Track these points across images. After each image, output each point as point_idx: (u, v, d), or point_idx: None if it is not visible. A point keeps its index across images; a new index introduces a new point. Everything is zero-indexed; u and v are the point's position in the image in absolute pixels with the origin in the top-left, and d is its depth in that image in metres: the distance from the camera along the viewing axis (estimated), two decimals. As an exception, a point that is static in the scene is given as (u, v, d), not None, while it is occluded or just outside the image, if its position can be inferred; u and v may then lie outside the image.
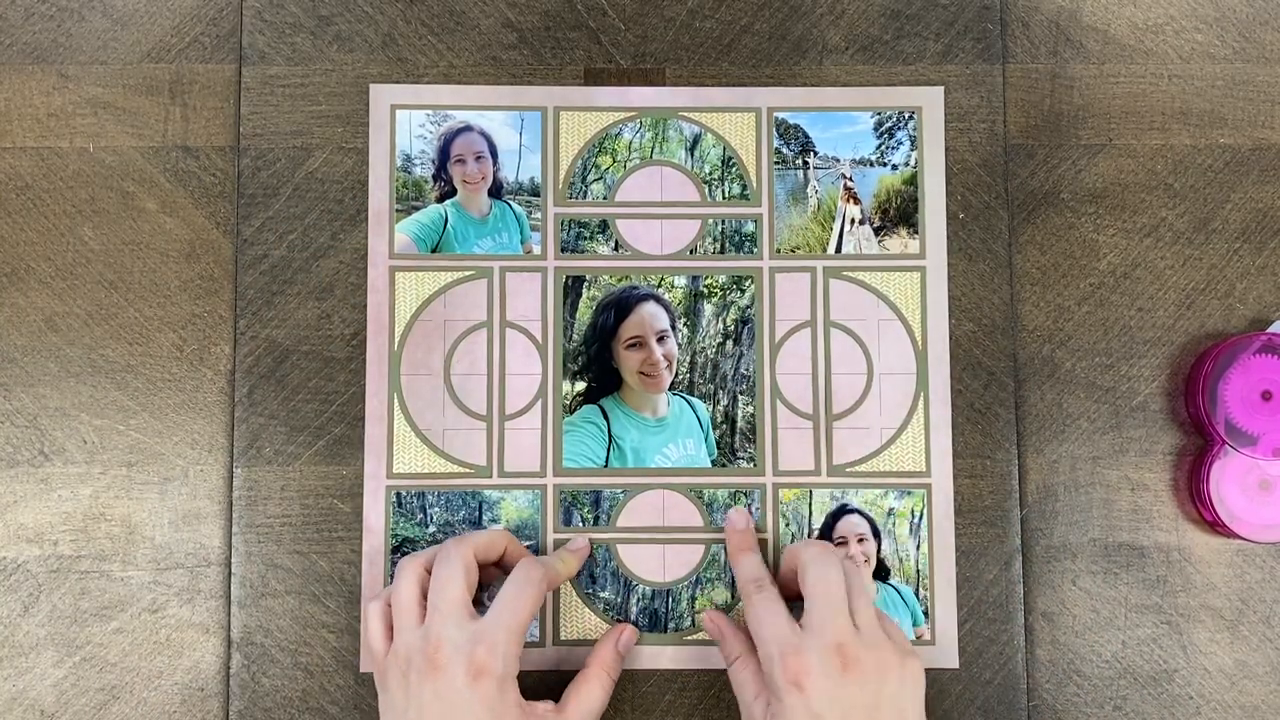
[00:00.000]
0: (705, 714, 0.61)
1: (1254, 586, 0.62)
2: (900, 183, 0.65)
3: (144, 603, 0.61)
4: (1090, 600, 0.62)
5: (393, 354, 0.63)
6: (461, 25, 0.65)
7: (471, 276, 0.63)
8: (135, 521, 0.61)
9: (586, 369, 0.63)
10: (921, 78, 0.65)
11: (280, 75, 0.64)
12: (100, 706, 0.60)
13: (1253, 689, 0.62)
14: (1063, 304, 0.64)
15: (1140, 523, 0.63)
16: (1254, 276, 0.64)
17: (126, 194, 0.63)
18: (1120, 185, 0.65)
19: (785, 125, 0.65)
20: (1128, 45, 0.66)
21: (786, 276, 0.64)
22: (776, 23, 0.65)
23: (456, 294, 0.63)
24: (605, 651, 0.59)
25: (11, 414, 0.62)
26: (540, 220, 0.64)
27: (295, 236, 0.63)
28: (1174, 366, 0.64)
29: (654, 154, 0.64)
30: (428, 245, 0.63)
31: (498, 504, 0.62)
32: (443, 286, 0.63)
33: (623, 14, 0.65)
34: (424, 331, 0.63)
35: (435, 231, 0.63)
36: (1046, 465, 0.63)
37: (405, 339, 0.63)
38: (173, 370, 0.62)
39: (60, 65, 0.64)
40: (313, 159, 0.64)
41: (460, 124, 0.64)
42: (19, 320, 0.62)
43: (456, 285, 0.63)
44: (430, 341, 0.63)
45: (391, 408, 0.62)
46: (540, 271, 0.63)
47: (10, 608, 0.61)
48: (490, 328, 0.63)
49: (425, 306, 0.63)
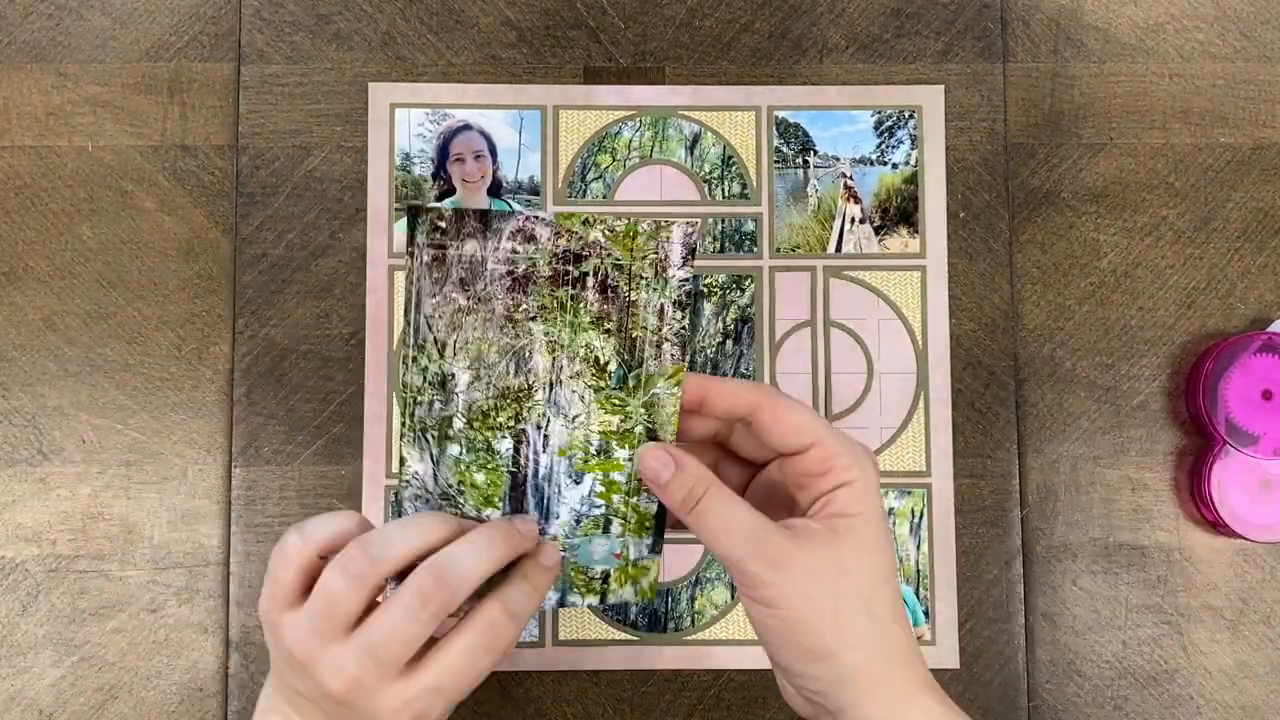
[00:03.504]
0: (705, 714, 0.61)
1: (1255, 586, 0.62)
2: (900, 182, 0.64)
3: (142, 602, 0.61)
4: (1091, 600, 0.62)
5: (391, 353, 0.62)
6: (461, 24, 0.65)
7: (471, 275, 0.63)
8: (134, 521, 0.61)
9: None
10: (922, 76, 0.65)
11: (279, 74, 0.64)
12: (99, 706, 0.60)
13: (1253, 689, 0.62)
14: (1063, 303, 0.64)
15: (1141, 522, 0.63)
16: (1255, 276, 0.64)
17: (125, 193, 0.63)
18: (1121, 184, 0.65)
19: (785, 124, 0.65)
20: (1128, 44, 0.66)
21: (786, 276, 0.64)
22: (776, 21, 0.65)
23: (456, 293, 0.63)
24: (515, 588, 0.43)
25: (10, 413, 0.62)
26: (540, 219, 0.64)
27: (294, 235, 0.63)
28: (1175, 366, 0.64)
29: (654, 153, 0.64)
30: (427, 244, 0.63)
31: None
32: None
33: (622, 12, 0.65)
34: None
35: (434, 230, 0.63)
36: (1047, 465, 0.63)
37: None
38: (171, 369, 0.62)
39: (59, 64, 0.64)
40: (312, 158, 0.64)
41: (459, 123, 0.64)
42: (17, 319, 0.62)
43: (456, 284, 0.63)
44: (429, 341, 0.63)
45: (391, 407, 0.62)
46: (540, 270, 0.63)
47: (9, 607, 0.61)
48: (490, 327, 0.63)
49: (424, 306, 0.63)
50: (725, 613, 0.62)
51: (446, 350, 0.41)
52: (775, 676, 0.44)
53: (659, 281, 0.40)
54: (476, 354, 0.41)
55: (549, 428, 0.41)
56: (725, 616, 0.62)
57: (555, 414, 0.41)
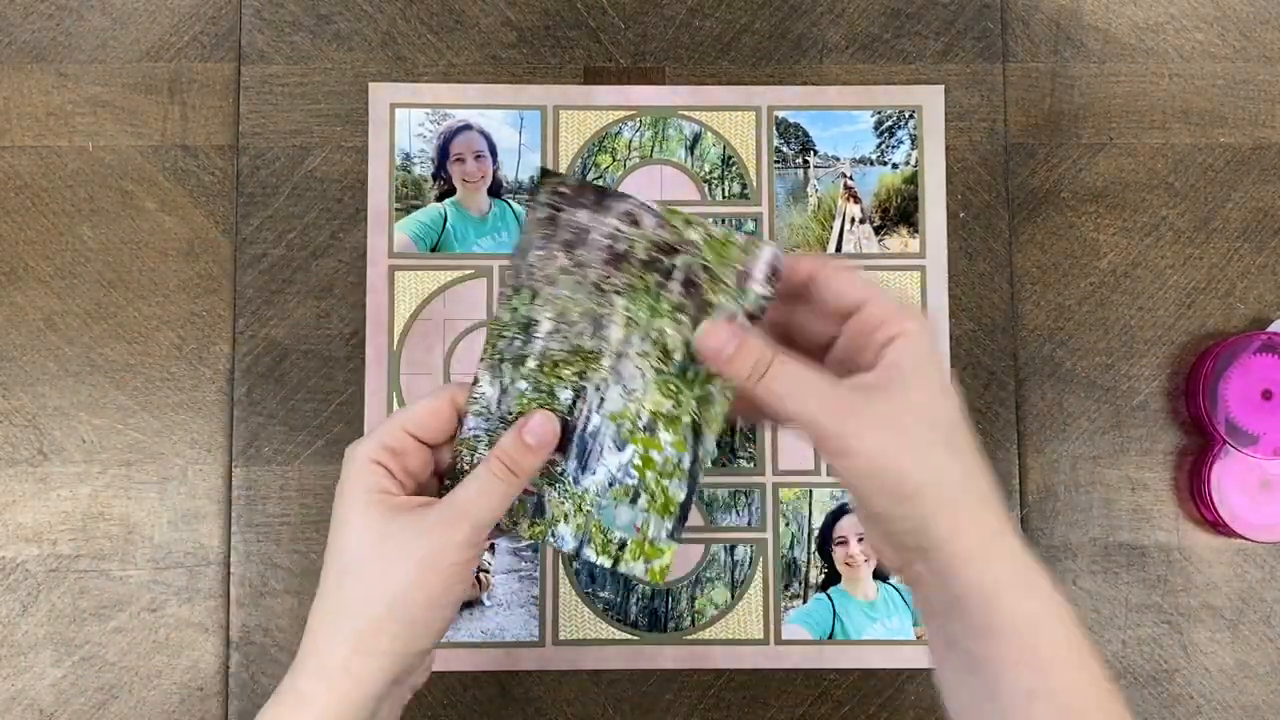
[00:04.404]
0: (705, 714, 0.61)
1: (1254, 586, 0.62)
2: (900, 182, 0.64)
3: (143, 602, 0.61)
4: (1091, 600, 0.62)
5: (392, 353, 0.62)
6: (461, 24, 0.65)
7: (471, 275, 0.63)
8: (134, 521, 0.61)
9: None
10: (922, 77, 0.65)
11: (279, 74, 0.64)
12: (99, 706, 0.60)
13: (1253, 688, 0.62)
14: (1063, 303, 0.64)
15: (1141, 522, 0.63)
16: (1254, 275, 0.64)
17: (125, 193, 0.63)
18: (1121, 184, 0.65)
19: (785, 124, 0.65)
20: (1128, 44, 0.66)
21: (786, 276, 0.64)
22: (776, 21, 0.65)
23: (456, 293, 0.63)
24: (506, 440, 0.44)
25: (10, 413, 0.62)
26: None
27: (294, 235, 0.63)
28: (1174, 366, 0.64)
29: (654, 153, 0.64)
30: (427, 244, 0.63)
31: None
32: (442, 285, 0.63)
33: (623, 12, 0.65)
34: (423, 330, 0.63)
35: (435, 230, 0.63)
36: (1047, 465, 0.63)
37: (405, 338, 0.63)
38: (172, 369, 0.62)
39: (59, 64, 0.64)
40: (312, 158, 0.64)
41: (460, 123, 0.64)
42: (18, 319, 0.62)
43: (456, 284, 0.63)
44: (430, 341, 0.63)
45: (391, 407, 0.62)
46: (540, 270, 0.63)
47: (9, 607, 0.61)
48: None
49: (425, 305, 0.63)
50: (725, 613, 0.62)
51: (538, 299, 0.44)
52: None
53: (738, 290, 0.43)
54: (562, 309, 0.44)
55: (606, 391, 0.45)
56: (725, 616, 0.62)
57: (615, 382, 0.45)
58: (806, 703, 0.61)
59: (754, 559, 0.62)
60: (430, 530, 0.42)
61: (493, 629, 0.61)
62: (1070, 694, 0.39)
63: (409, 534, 0.42)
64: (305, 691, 0.42)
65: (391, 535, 0.42)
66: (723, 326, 0.42)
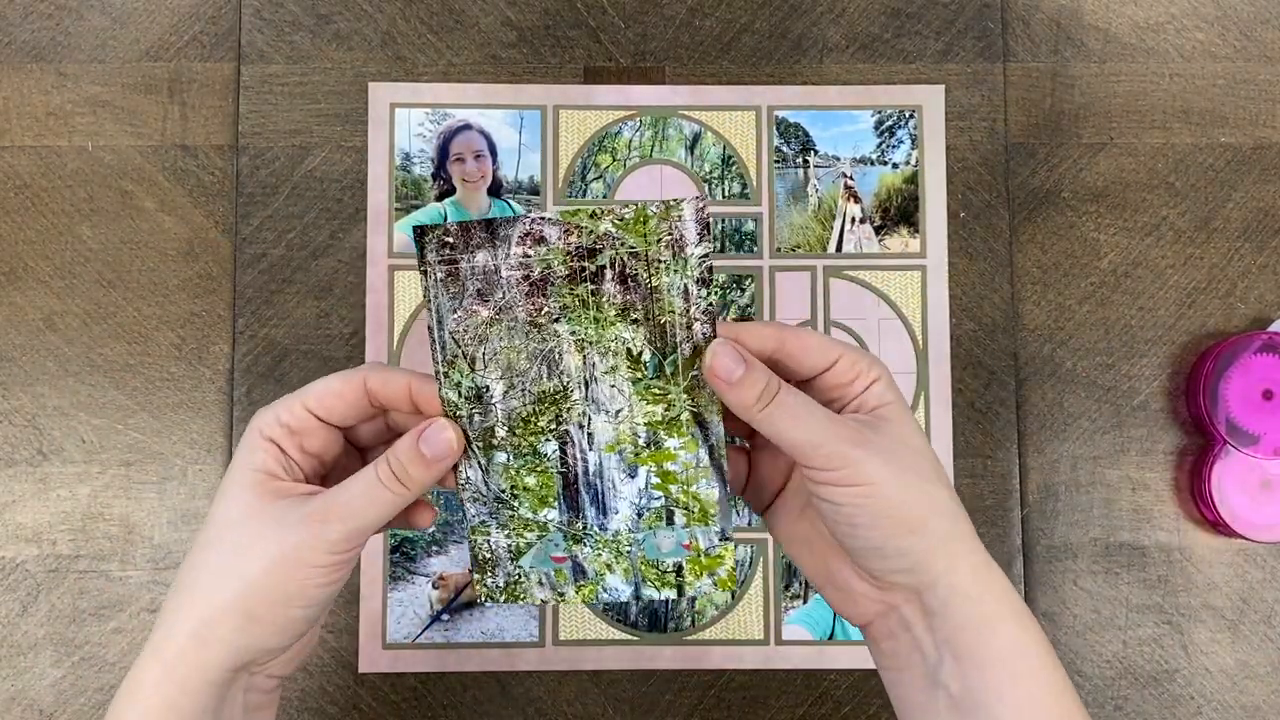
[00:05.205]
0: (705, 714, 0.61)
1: (1255, 586, 0.62)
2: (901, 181, 0.64)
3: (143, 602, 0.61)
4: (1091, 600, 0.62)
5: (392, 353, 0.62)
6: (461, 23, 0.65)
7: (471, 275, 0.63)
8: (134, 521, 0.61)
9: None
10: (922, 76, 0.65)
11: (279, 74, 0.64)
12: (99, 706, 0.60)
13: (1254, 689, 0.62)
14: (1064, 303, 0.64)
15: (1141, 522, 0.63)
16: (1255, 275, 0.64)
17: (125, 193, 0.63)
18: (1121, 184, 0.65)
19: (785, 124, 0.65)
20: (1129, 44, 0.66)
21: (787, 275, 0.64)
22: (776, 21, 0.65)
23: (456, 293, 0.63)
24: (402, 443, 0.41)
25: (10, 413, 0.62)
26: (540, 219, 0.64)
27: (294, 235, 0.63)
28: (1175, 366, 0.64)
29: (654, 153, 0.64)
30: (427, 244, 0.63)
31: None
32: (442, 285, 0.63)
33: (623, 12, 0.65)
34: (423, 330, 0.63)
35: (434, 230, 0.63)
36: (1047, 465, 0.63)
37: (404, 338, 0.63)
38: (171, 369, 0.62)
39: (59, 64, 0.64)
40: (311, 157, 0.64)
41: (460, 122, 0.64)
42: (17, 319, 0.62)
43: (456, 284, 0.63)
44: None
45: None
46: (540, 270, 0.63)
47: (9, 607, 0.61)
48: (490, 327, 0.63)
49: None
50: (725, 613, 0.62)
51: (476, 364, 0.41)
52: (831, 585, 0.44)
53: (678, 262, 0.40)
54: (507, 363, 0.41)
55: (591, 425, 0.41)
56: (725, 616, 0.62)
57: (596, 411, 0.41)
58: (806, 703, 0.61)
59: (754, 559, 0.62)
60: (299, 524, 0.39)
61: (492, 629, 0.61)
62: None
63: (275, 523, 0.40)
64: (143, 680, 0.40)
65: (257, 519, 0.40)
66: (729, 348, 0.40)
